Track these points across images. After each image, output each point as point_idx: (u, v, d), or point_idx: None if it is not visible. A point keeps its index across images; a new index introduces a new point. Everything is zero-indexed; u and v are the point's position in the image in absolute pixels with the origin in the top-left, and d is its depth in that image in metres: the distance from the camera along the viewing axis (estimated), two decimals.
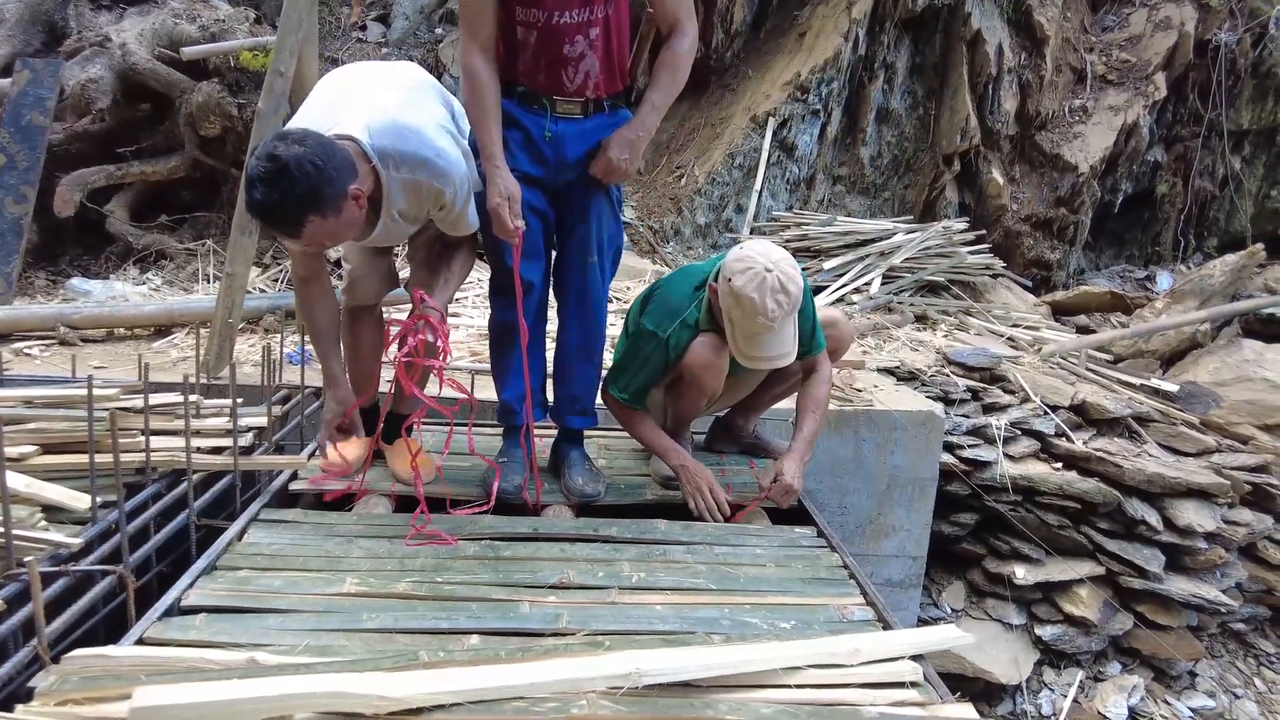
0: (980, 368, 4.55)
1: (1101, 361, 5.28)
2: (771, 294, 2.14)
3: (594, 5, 2.14)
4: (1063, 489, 4.01)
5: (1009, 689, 3.92)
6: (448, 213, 2.17)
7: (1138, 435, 4.51)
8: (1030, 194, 7.35)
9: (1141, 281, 7.84)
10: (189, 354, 3.78)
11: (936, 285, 6.36)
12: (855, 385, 3.83)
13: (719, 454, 2.94)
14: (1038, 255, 7.41)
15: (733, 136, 6.85)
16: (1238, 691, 4.03)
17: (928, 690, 1.57)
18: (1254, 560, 4.28)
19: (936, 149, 7.31)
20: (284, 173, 1.80)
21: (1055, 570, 4.04)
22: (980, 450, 4.06)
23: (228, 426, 2.47)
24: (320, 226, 1.90)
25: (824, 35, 6.92)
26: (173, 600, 1.74)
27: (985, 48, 7.06)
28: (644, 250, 6.56)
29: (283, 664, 1.42)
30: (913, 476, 3.55)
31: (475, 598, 1.84)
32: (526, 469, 2.47)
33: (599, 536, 2.21)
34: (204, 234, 5.24)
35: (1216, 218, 7.91)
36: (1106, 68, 7.58)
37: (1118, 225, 7.97)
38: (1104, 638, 4.05)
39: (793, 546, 2.23)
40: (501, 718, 1.29)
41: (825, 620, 1.82)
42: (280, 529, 2.15)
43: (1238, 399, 4.78)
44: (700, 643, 1.59)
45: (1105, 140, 7.27)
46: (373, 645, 1.61)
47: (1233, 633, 4.31)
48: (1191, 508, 4.06)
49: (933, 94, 7.38)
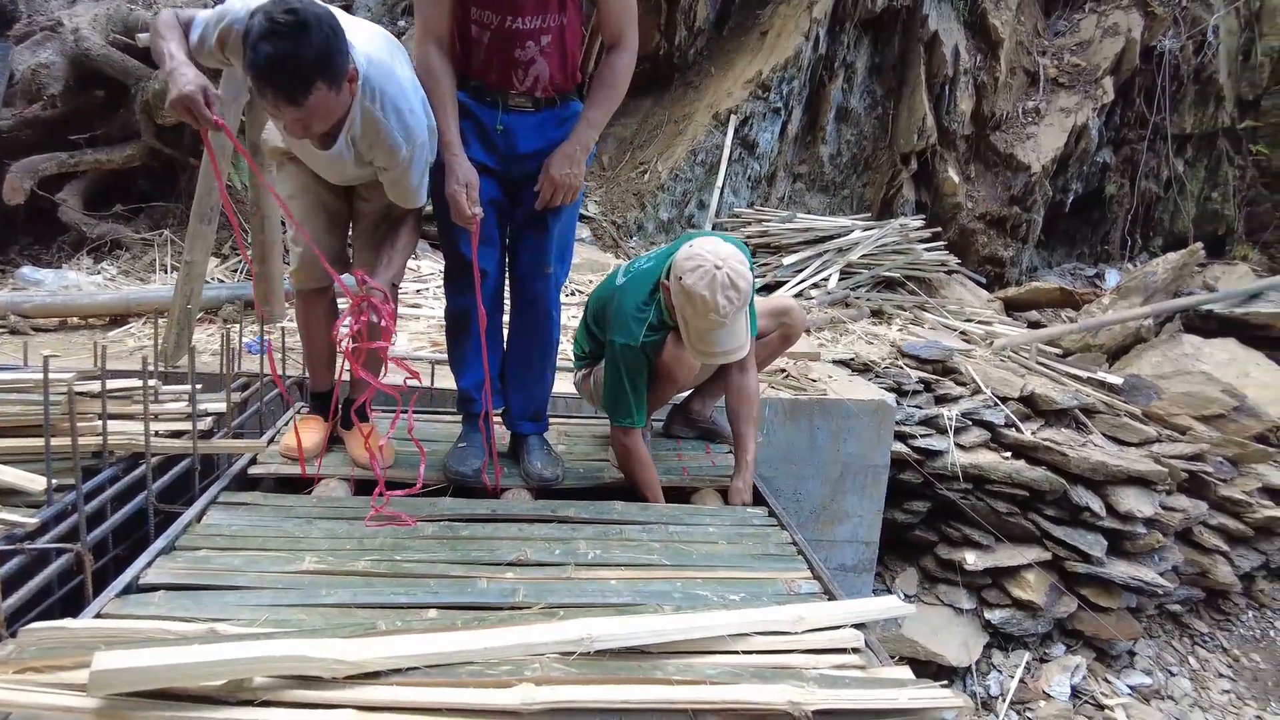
0: (933, 360, 4.68)
1: (1051, 355, 5.45)
2: (722, 291, 2.17)
3: (547, 14, 2.18)
4: (1011, 477, 4.15)
5: (959, 671, 4.04)
6: (397, 176, 2.15)
7: (1084, 426, 4.67)
8: (985, 193, 7.54)
9: (1091, 279, 8.08)
10: (146, 343, 3.76)
11: (893, 281, 6.50)
12: (810, 376, 3.93)
13: (676, 439, 3.00)
14: (991, 252, 7.60)
15: (695, 133, 6.92)
16: (1173, 669, 4.20)
17: (868, 656, 1.64)
18: (1189, 544, 4.47)
19: (894, 148, 7.46)
20: (304, 27, 1.74)
21: (1004, 556, 4.18)
22: (932, 440, 4.18)
23: (186, 411, 2.47)
24: (324, 98, 1.83)
25: (785, 34, 7.03)
26: (131, 578, 1.76)
27: (942, 49, 7.22)
28: (607, 245, 6.61)
29: (241, 634, 1.45)
30: (865, 464, 3.65)
31: (433, 575, 1.88)
32: (486, 453, 2.51)
33: (557, 517, 2.26)
34: (161, 224, 5.17)
35: (1161, 218, 8.18)
36: (1058, 71, 7.80)
37: (1069, 224, 8.20)
38: (1049, 620, 4.19)
39: (745, 525, 2.30)
40: (456, 681, 1.33)
41: (773, 593, 1.89)
42: (239, 511, 2.17)
43: (1177, 391, 4.96)
44: (652, 612, 1.64)
45: (1056, 141, 7.48)
46: (331, 619, 1.64)
47: (1169, 614, 4.49)
48: (1132, 495, 4.22)
49: (891, 94, 7.53)
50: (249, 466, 2.47)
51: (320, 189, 2.33)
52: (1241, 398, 4.86)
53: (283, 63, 1.76)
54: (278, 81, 1.79)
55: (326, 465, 2.51)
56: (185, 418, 2.48)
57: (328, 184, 2.32)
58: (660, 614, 1.61)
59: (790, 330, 2.73)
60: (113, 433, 2.19)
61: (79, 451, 1.97)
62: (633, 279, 2.46)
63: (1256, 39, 7.70)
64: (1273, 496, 4.62)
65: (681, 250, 2.28)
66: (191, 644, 1.31)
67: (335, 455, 2.59)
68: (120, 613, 1.63)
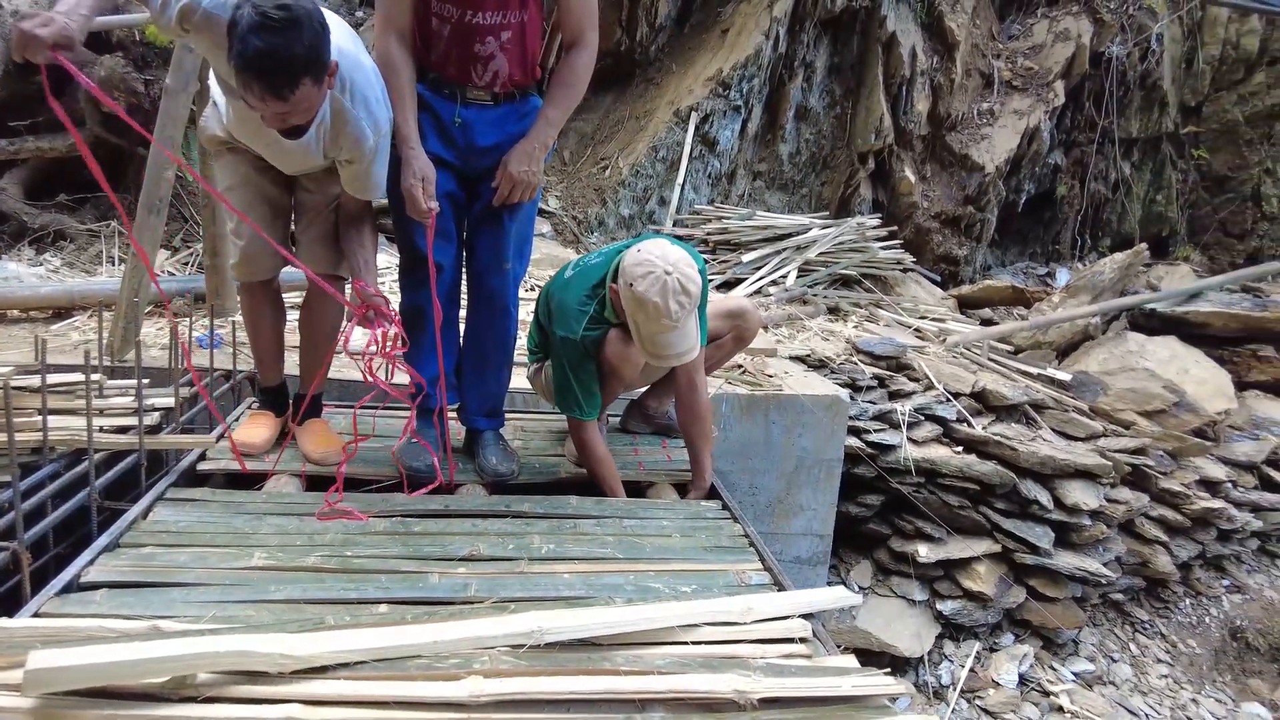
0: (887, 356, 4.76)
1: (1003, 352, 5.57)
2: (674, 296, 2.18)
3: (508, 10, 2.18)
4: (963, 471, 4.24)
5: (912, 661, 4.13)
6: (361, 167, 2.15)
7: (1033, 421, 4.79)
8: (940, 192, 7.67)
9: (1043, 277, 8.28)
10: (91, 337, 3.66)
11: (849, 279, 6.59)
12: (767, 372, 3.97)
13: (633, 435, 3.02)
14: (946, 251, 7.75)
15: (656, 129, 6.94)
16: (1115, 656, 4.34)
17: (815, 645, 1.67)
18: (1132, 535, 4.61)
19: (852, 147, 7.56)
20: (297, 24, 1.74)
21: (956, 548, 4.27)
22: (886, 435, 4.25)
23: (133, 406, 2.42)
24: (308, 93, 1.83)
25: (745, 32, 7.08)
26: (72, 576, 1.72)
27: (900, 50, 7.33)
28: (568, 240, 6.60)
29: (186, 631, 1.43)
30: (819, 458, 3.70)
31: (384, 570, 1.87)
32: (440, 448, 2.50)
33: (511, 512, 2.26)
34: (108, 215, 5.04)
35: (1109, 219, 8.40)
36: (1012, 74, 7.97)
37: (1022, 224, 8.39)
38: (999, 611, 4.30)
39: (698, 518, 2.32)
40: (405, 675, 1.33)
41: (724, 584, 1.92)
42: (187, 507, 2.13)
43: (1122, 387, 5.12)
44: (603, 605, 1.66)
45: (1010, 142, 7.65)
46: (280, 615, 1.62)
47: (1112, 602, 4.64)
48: (1079, 488, 4.35)
49: (849, 94, 7.62)
50: (198, 462, 2.42)
51: (262, 180, 2.30)
52: (1181, 393, 5.02)
53: (274, 58, 1.75)
54: (266, 76, 1.78)
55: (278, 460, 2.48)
56: (132, 413, 2.43)
57: (270, 175, 2.29)
58: (611, 606, 1.63)
59: (744, 332, 2.75)
60: (54, 428, 2.14)
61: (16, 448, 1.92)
62: (578, 273, 2.47)
63: (1198, 47, 7.96)
64: (1209, 488, 4.79)
65: (629, 255, 2.27)
66: (133, 641, 1.29)
67: (287, 451, 2.55)
68: (60, 611, 1.59)
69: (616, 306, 2.35)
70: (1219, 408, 5.09)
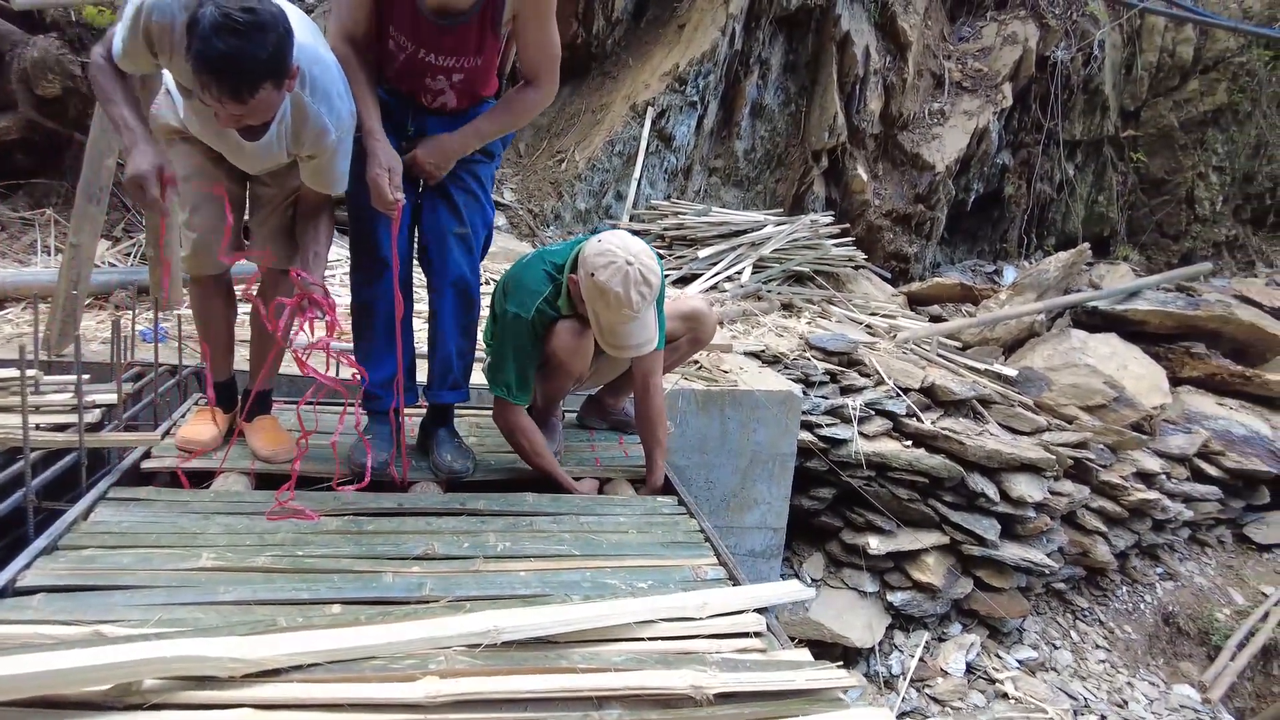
0: (839, 352, 4.83)
1: (951, 348, 5.70)
2: (635, 286, 2.20)
3: (463, 56, 2.19)
4: (912, 465, 4.33)
5: (864, 652, 4.21)
6: (323, 162, 2.11)
7: (980, 415, 4.91)
8: (891, 191, 7.81)
9: (990, 275, 8.48)
10: (26, 330, 3.53)
11: (803, 275, 6.67)
12: (722, 367, 4.00)
13: (589, 430, 3.02)
14: (897, 249, 7.89)
15: (613, 124, 6.93)
16: (1057, 643, 4.49)
17: (769, 639, 1.70)
18: (1073, 526, 4.77)
19: (806, 145, 7.64)
20: (261, 27, 1.69)
21: (905, 541, 4.36)
22: (837, 429, 4.32)
23: (72, 403, 2.34)
24: (268, 97, 1.79)
25: (702, 28, 7.10)
26: (6, 581, 1.65)
27: (854, 49, 7.43)
28: (524, 234, 6.55)
29: (130, 636, 1.39)
30: (774, 453, 3.74)
31: (337, 570, 1.84)
32: (393, 444, 2.46)
33: (466, 510, 2.24)
34: (43, 202, 4.85)
35: (1054, 218, 8.65)
36: (962, 75, 8.13)
37: (970, 222, 8.58)
38: (947, 601, 4.40)
39: (654, 514, 2.33)
40: (360, 676, 1.32)
41: (680, 580, 1.93)
42: (131, 507, 2.07)
43: (1065, 383, 5.27)
44: (559, 603, 1.66)
45: (960, 142, 7.81)
46: (229, 617, 1.59)
47: (1054, 591, 4.79)
48: (1024, 481, 4.47)
49: (804, 91, 7.71)
50: (142, 460, 2.36)
51: (218, 171, 2.24)
52: (1121, 389, 5.20)
53: (235, 61, 1.70)
54: (224, 79, 1.73)
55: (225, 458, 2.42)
56: (71, 410, 2.35)
57: (226, 166, 2.23)
58: (568, 604, 1.63)
59: (700, 334, 2.76)
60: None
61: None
62: (535, 257, 2.49)
63: (1137, 54, 8.22)
64: (1145, 480, 4.97)
65: (590, 245, 2.29)
66: (73, 648, 1.26)
67: (235, 449, 2.49)
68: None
69: (574, 297, 2.35)
70: (1155, 403, 5.28)
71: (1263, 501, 5.44)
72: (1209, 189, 8.58)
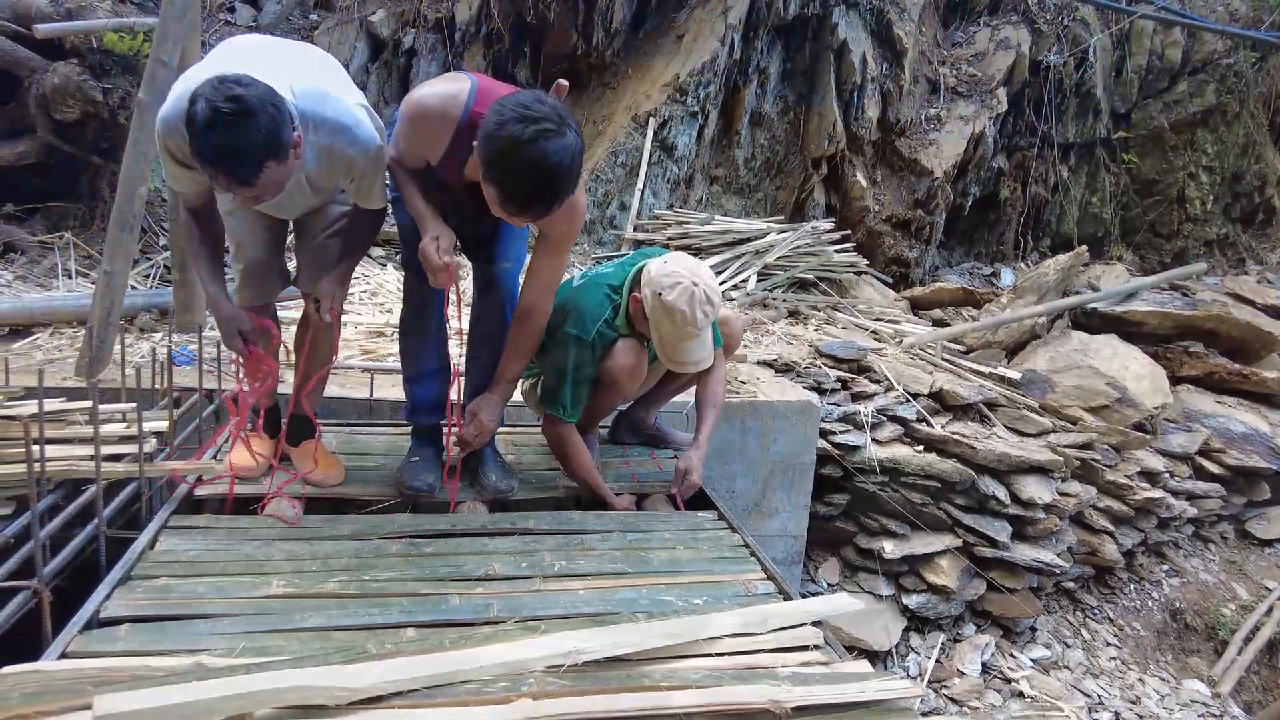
0: (848, 359, 4.91)
1: (955, 352, 5.79)
2: (700, 306, 2.32)
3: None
4: (924, 469, 4.41)
5: (881, 655, 4.29)
6: (359, 183, 2.18)
7: (987, 419, 5.00)
8: (890, 196, 7.90)
9: (988, 277, 8.59)
10: (56, 356, 3.57)
11: (806, 282, 6.75)
12: (740, 378, 4.07)
13: (623, 445, 3.09)
14: (897, 253, 7.98)
15: (615, 135, 6.99)
16: (1069, 641, 4.58)
17: (828, 651, 1.77)
18: (1082, 526, 4.86)
19: (805, 152, 7.72)
20: (249, 114, 1.73)
21: (919, 544, 4.45)
22: (850, 435, 4.40)
23: (123, 432, 2.39)
24: (274, 173, 1.84)
25: (701, 38, 7.17)
26: (91, 613, 1.71)
27: (851, 57, 7.52)
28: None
29: (230, 665, 1.45)
30: (794, 462, 3.82)
31: (404, 594, 1.91)
32: (440, 466, 2.52)
33: (517, 530, 2.31)
34: (60, 226, 4.88)
35: (1050, 220, 8.76)
36: (957, 80, 8.24)
37: (967, 225, 8.69)
38: (961, 603, 4.49)
39: (698, 529, 2.41)
40: (458, 700, 1.38)
41: (733, 594, 2.00)
42: (193, 535, 2.13)
43: (1068, 385, 5.37)
44: (627, 621, 1.73)
45: (956, 147, 7.91)
46: (309, 644, 1.65)
47: (1064, 590, 4.89)
48: (1033, 482, 4.56)
49: (802, 99, 7.79)
50: (195, 487, 2.41)
51: None
52: (1123, 389, 5.30)
53: (232, 153, 1.76)
54: (227, 169, 1.79)
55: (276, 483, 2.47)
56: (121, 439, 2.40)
57: None
58: (637, 623, 1.70)
59: (731, 339, 2.86)
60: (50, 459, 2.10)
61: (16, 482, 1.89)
62: (591, 280, 2.57)
63: (1127, 57, 8.35)
64: (1149, 479, 5.07)
65: (655, 265, 2.40)
66: (187, 681, 1.32)
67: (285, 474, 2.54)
68: (87, 650, 1.59)
69: (634, 315, 2.45)
70: (1156, 402, 5.39)
71: (1263, 497, 5.56)
72: (1199, 189, 8.72)
